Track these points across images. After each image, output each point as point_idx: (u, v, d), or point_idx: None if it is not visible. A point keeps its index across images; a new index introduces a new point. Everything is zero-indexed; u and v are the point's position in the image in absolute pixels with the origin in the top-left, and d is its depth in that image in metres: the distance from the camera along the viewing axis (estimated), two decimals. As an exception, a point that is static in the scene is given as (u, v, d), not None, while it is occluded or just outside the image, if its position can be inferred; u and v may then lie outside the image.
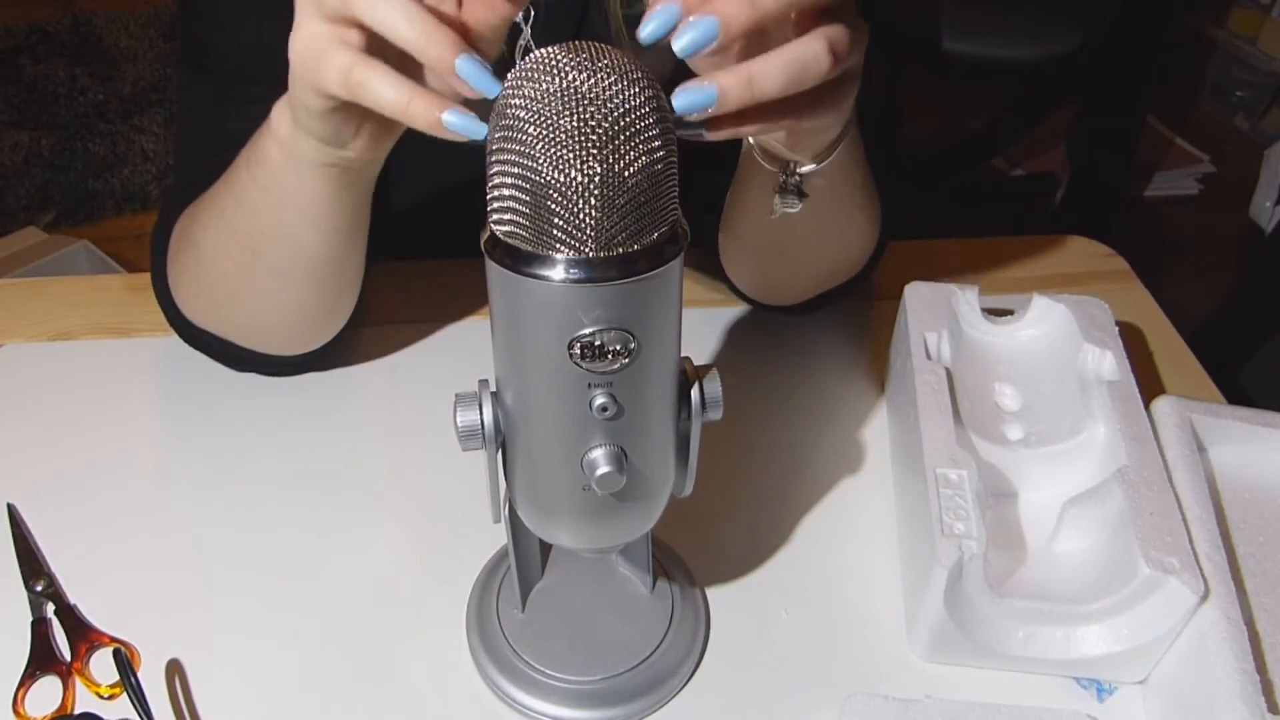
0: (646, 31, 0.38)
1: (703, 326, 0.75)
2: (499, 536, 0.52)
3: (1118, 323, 0.65)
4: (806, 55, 0.40)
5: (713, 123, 0.40)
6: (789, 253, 0.64)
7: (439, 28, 0.38)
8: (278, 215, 0.53)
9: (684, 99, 0.38)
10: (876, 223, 0.66)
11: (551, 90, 0.34)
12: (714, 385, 0.44)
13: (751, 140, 0.52)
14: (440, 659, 0.54)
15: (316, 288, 0.60)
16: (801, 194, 0.52)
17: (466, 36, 0.39)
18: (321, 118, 0.45)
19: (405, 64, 0.41)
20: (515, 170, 0.35)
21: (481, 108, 0.38)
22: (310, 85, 0.43)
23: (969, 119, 2.17)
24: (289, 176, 0.51)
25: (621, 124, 0.35)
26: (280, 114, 0.49)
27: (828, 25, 0.41)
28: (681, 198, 0.38)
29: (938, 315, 0.65)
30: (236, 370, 0.68)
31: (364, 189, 0.54)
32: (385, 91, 0.40)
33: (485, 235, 0.38)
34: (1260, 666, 0.48)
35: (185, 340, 0.66)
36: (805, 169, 0.51)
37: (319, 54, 0.41)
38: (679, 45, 0.38)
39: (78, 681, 0.52)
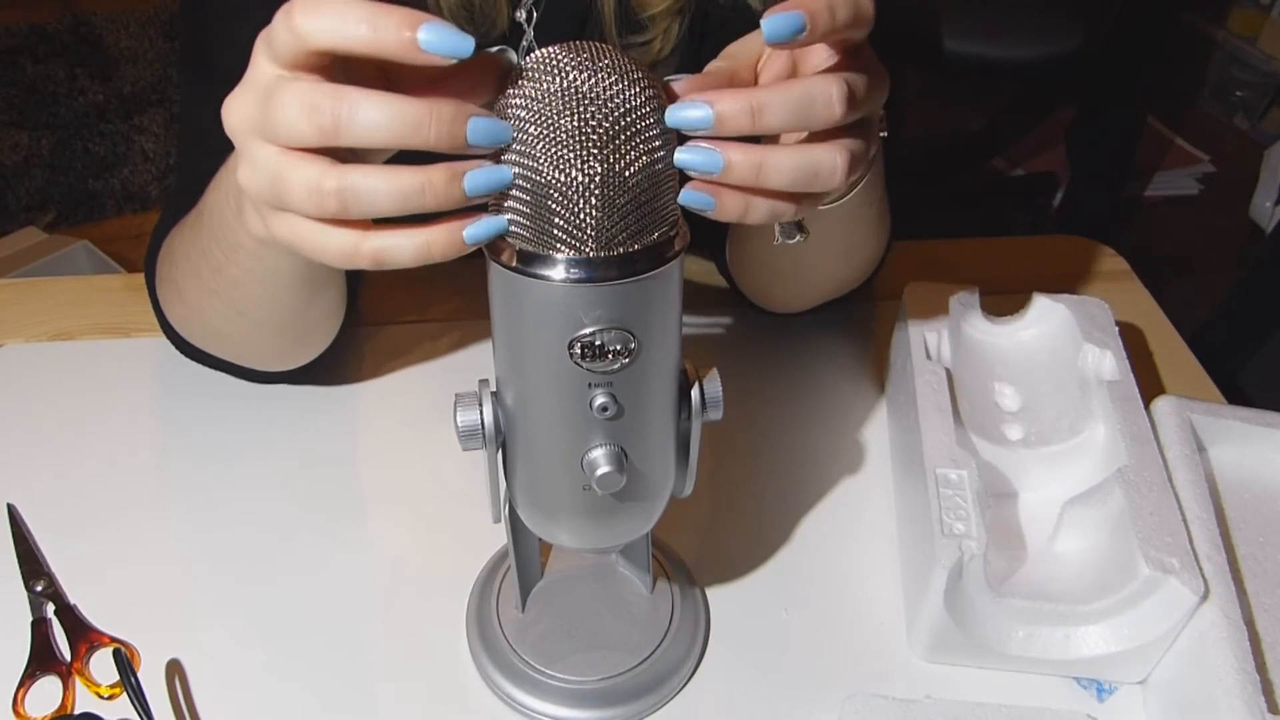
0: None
1: (703, 326, 0.75)
2: (499, 536, 0.52)
3: (1118, 323, 0.65)
4: (821, 162, 0.38)
5: (720, 206, 0.38)
6: (796, 274, 0.64)
7: (420, 107, 0.34)
8: (264, 287, 0.53)
9: (688, 156, 0.37)
10: (887, 237, 0.66)
11: (552, 90, 0.34)
12: (714, 385, 0.44)
13: None
14: (440, 659, 0.54)
15: (303, 328, 0.61)
16: (802, 229, 0.49)
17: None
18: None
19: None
20: (515, 170, 0.35)
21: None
22: (327, 262, 0.38)
23: (969, 119, 2.17)
24: (272, 263, 0.50)
25: (622, 123, 0.35)
26: (255, 222, 0.45)
27: (849, 137, 0.39)
28: (682, 197, 0.38)
29: (938, 315, 0.65)
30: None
31: None
32: (404, 255, 0.36)
33: (486, 235, 0.38)
34: (1260, 666, 0.48)
35: (177, 349, 0.66)
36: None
37: (312, 241, 0.37)
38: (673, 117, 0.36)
39: (78, 681, 0.52)
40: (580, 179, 0.35)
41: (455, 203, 0.35)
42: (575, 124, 0.34)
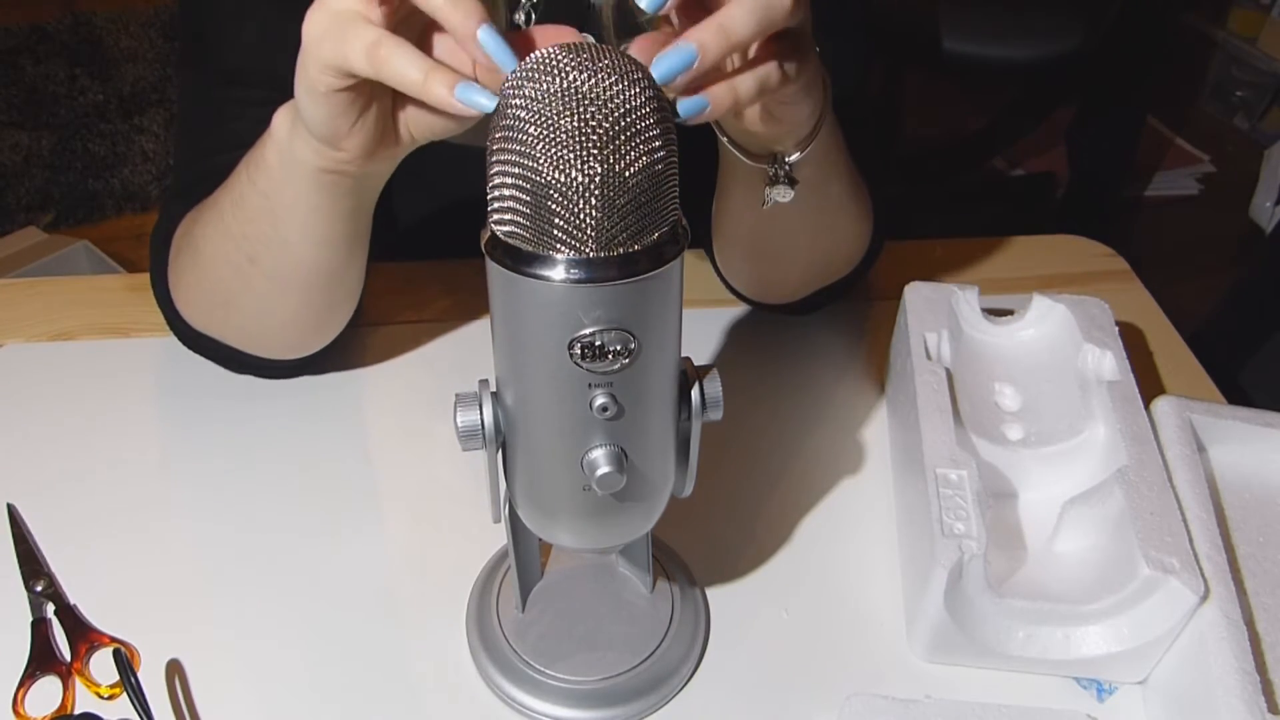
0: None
1: (703, 326, 0.75)
2: (499, 536, 0.52)
3: (1118, 323, 0.65)
4: None
5: (714, 100, 0.41)
6: (781, 248, 0.64)
7: None
8: (274, 224, 0.53)
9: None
10: (867, 216, 0.66)
11: (552, 90, 0.34)
12: (714, 385, 0.44)
13: (730, 146, 0.52)
14: (440, 659, 0.54)
15: (312, 298, 0.60)
16: (793, 181, 0.52)
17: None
18: (325, 100, 0.44)
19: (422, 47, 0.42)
20: (516, 170, 0.35)
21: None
22: (329, 61, 0.42)
23: (969, 119, 2.17)
24: (286, 184, 0.51)
25: (622, 124, 0.35)
26: (281, 115, 0.49)
27: None
28: (682, 198, 0.38)
29: (938, 315, 0.65)
30: (234, 372, 0.68)
31: (361, 205, 0.54)
32: (406, 68, 0.40)
33: (485, 235, 0.38)
34: (1260, 666, 0.48)
35: (183, 342, 0.66)
36: (791, 158, 0.51)
37: (343, 28, 0.41)
38: (658, 72, 0.39)
39: (78, 681, 0.52)
40: (580, 179, 0.35)
41: (466, 32, 0.38)
42: (575, 124, 0.34)
